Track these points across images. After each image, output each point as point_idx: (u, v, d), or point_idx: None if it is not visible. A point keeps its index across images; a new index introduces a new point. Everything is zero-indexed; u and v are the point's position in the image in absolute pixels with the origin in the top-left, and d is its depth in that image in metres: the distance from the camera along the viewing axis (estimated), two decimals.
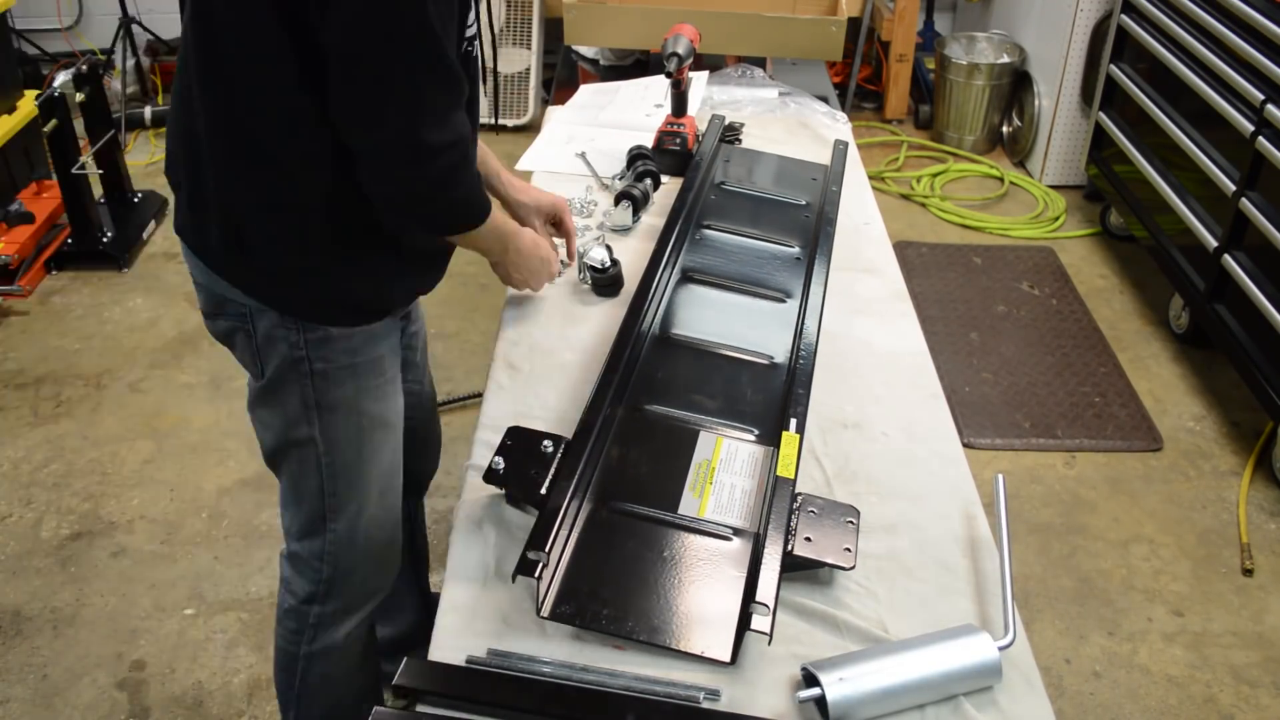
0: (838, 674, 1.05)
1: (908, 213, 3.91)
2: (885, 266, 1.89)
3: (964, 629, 1.12)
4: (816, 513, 1.23)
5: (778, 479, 1.25)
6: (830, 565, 1.19)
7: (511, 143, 4.38)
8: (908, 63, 4.45)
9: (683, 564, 1.20)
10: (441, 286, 1.53)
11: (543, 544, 1.12)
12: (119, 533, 2.48)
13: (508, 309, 1.72)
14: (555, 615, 1.13)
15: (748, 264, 1.74)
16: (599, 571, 1.18)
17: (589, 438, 1.29)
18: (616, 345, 1.48)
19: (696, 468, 1.32)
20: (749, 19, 2.67)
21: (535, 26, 4.41)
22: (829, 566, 1.19)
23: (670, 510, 1.26)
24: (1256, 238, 2.65)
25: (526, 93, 4.49)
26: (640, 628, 1.12)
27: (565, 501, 1.19)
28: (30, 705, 2.08)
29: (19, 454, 2.72)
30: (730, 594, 1.17)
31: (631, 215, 1.94)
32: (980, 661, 1.09)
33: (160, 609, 2.29)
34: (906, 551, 1.28)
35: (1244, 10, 2.69)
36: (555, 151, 2.24)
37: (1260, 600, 2.34)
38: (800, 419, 1.35)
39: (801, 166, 2.11)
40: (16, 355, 3.10)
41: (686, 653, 1.11)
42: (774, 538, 1.17)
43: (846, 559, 1.18)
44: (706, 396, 1.44)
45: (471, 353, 3.08)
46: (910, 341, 1.68)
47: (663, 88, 2.50)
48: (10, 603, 2.30)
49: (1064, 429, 2.81)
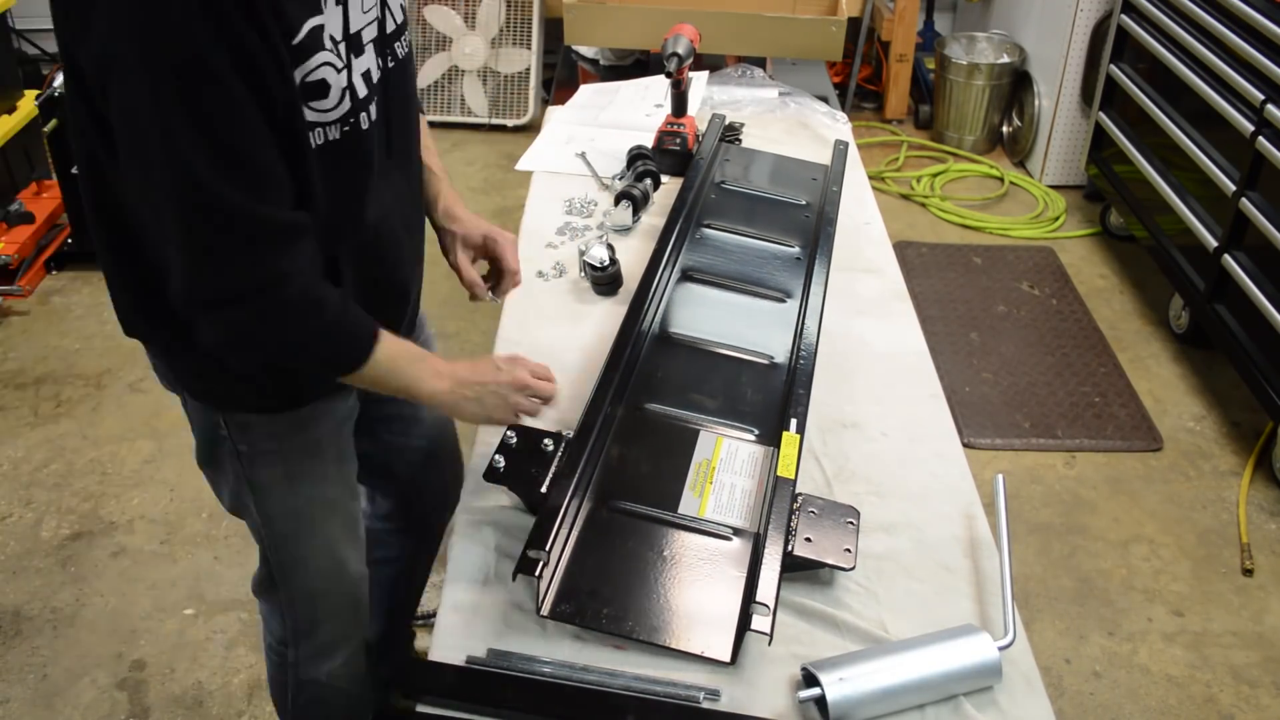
0: (838, 674, 1.05)
1: (908, 213, 3.91)
2: (885, 266, 1.89)
3: (964, 629, 1.12)
4: (816, 513, 1.23)
5: (778, 479, 1.25)
6: (830, 566, 1.19)
7: (511, 143, 4.38)
8: (908, 63, 4.45)
9: (683, 563, 1.20)
10: (441, 286, 1.52)
11: (543, 543, 1.12)
12: (119, 533, 2.48)
13: (508, 309, 1.72)
14: (555, 614, 1.14)
15: (748, 263, 1.74)
16: (599, 570, 1.18)
17: (589, 436, 1.29)
18: (617, 345, 1.48)
19: (696, 467, 1.32)
20: (749, 19, 2.67)
21: (535, 26, 4.41)
22: (829, 567, 1.19)
23: (670, 510, 1.26)
24: (1256, 238, 2.65)
25: (526, 93, 4.49)
26: (640, 627, 1.12)
27: (565, 500, 1.19)
28: (30, 705, 2.08)
29: (19, 454, 2.72)
30: (730, 594, 1.17)
31: (631, 215, 1.94)
32: (980, 662, 1.09)
33: (160, 609, 2.29)
34: (906, 551, 1.28)
35: (1244, 10, 2.69)
36: (555, 151, 2.24)
37: (1260, 600, 2.34)
38: (800, 419, 1.35)
39: (802, 166, 2.11)
40: (16, 355, 3.10)
41: (686, 652, 1.11)
42: (774, 538, 1.17)
43: (846, 559, 1.18)
44: (707, 396, 1.44)
45: (472, 352, 3.08)
46: (910, 341, 1.68)
47: (663, 88, 2.50)
48: (10, 603, 2.30)
49: (1064, 429, 2.81)
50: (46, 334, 3.19)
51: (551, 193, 2.08)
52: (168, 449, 2.73)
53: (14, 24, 4.12)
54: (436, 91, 4.54)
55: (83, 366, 3.04)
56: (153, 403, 2.87)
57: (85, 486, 2.62)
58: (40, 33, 4.71)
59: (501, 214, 3.85)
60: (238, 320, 1.07)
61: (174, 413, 2.87)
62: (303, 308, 1.09)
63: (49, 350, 3.12)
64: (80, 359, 3.08)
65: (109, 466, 2.68)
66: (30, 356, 3.09)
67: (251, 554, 1.48)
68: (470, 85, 4.49)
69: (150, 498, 2.58)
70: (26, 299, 3.32)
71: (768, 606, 1.08)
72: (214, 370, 1.23)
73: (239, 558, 2.40)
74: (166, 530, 2.48)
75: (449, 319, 3.23)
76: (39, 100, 3.25)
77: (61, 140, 3.27)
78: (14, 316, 3.27)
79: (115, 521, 2.51)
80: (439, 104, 4.56)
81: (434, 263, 1.46)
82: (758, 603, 1.08)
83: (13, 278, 3.29)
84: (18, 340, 3.17)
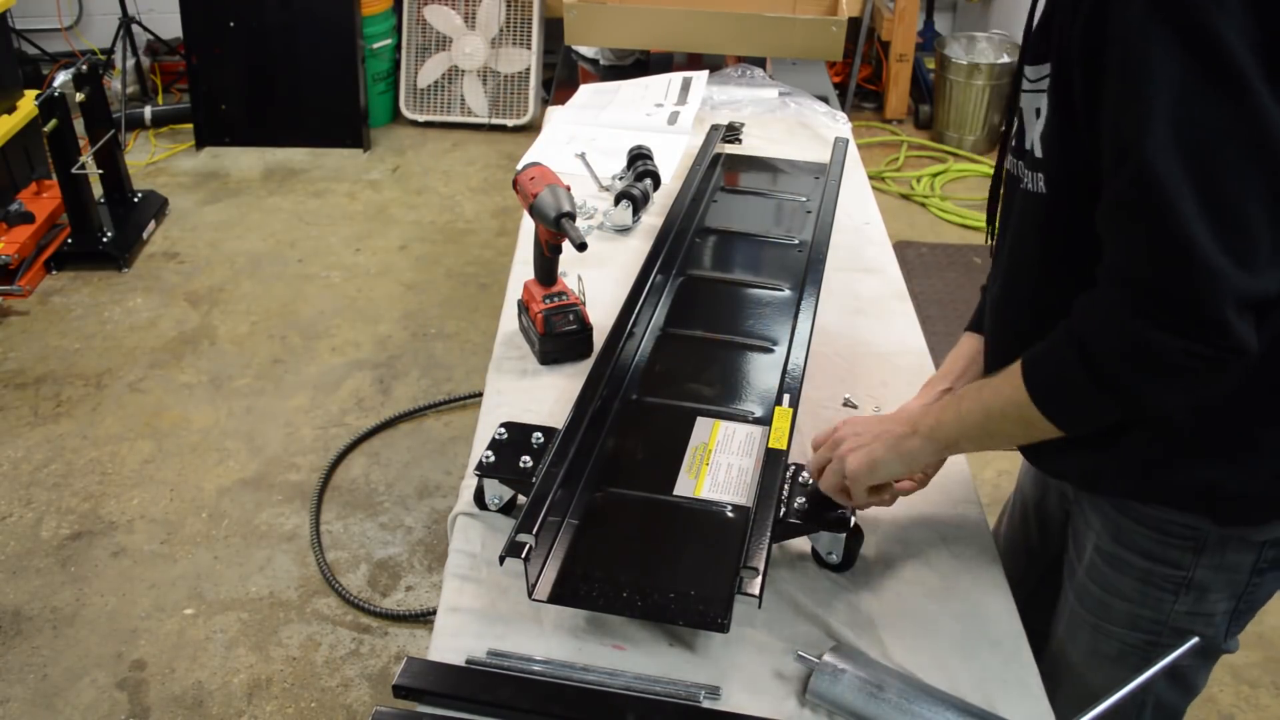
0: (839, 665, 1.06)
1: (908, 213, 3.91)
2: (885, 266, 1.89)
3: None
4: (810, 481, 1.23)
5: (769, 450, 1.26)
6: (824, 529, 1.19)
7: (512, 143, 4.39)
8: (908, 63, 4.45)
9: (678, 541, 1.21)
10: (441, 286, 1.51)
11: (530, 527, 1.12)
12: (119, 533, 2.48)
13: (508, 309, 1.72)
14: (549, 598, 1.13)
15: (736, 302, 1.68)
16: (593, 554, 1.18)
17: (579, 427, 1.30)
18: (609, 341, 1.48)
19: (693, 451, 1.33)
20: (749, 19, 2.67)
21: (535, 26, 4.41)
22: (823, 530, 1.19)
23: (666, 492, 1.27)
24: None
25: (526, 93, 4.49)
26: (634, 605, 1.12)
27: (555, 486, 1.20)
28: (30, 705, 2.08)
29: (19, 454, 2.72)
30: (727, 567, 1.16)
31: (631, 215, 1.94)
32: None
33: (160, 609, 2.29)
34: (905, 552, 1.28)
35: None
36: (555, 151, 2.24)
37: None
38: (794, 395, 1.36)
39: (796, 194, 2.01)
40: (16, 355, 3.10)
41: (681, 625, 1.11)
42: (765, 505, 1.18)
43: (840, 525, 1.18)
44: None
45: (472, 353, 3.08)
46: (910, 341, 1.68)
47: (663, 88, 2.50)
48: (10, 603, 2.30)
49: None
50: (46, 334, 3.20)
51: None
52: (168, 449, 2.73)
53: (14, 24, 4.13)
54: (436, 91, 4.54)
55: (83, 366, 3.04)
56: (153, 403, 2.87)
57: (85, 486, 2.62)
58: (40, 33, 4.72)
59: (501, 214, 3.85)
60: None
61: (174, 412, 2.88)
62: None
63: (49, 350, 3.12)
64: (80, 359, 3.08)
65: (109, 466, 2.68)
66: (30, 356, 3.09)
67: (252, 554, 1.48)
68: (470, 85, 4.49)
69: (150, 498, 2.58)
70: (26, 299, 3.32)
71: (757, 570, 1.08)
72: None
73: (239, 558, 2.41)
74: (166, 530, 2.49)
75: (449, 319, 3.23)
76: (39, 100, 3.25)
77: (62, 140, 3.27)
78: (14, 316, 3.28)
79: (115, 521, 2.51)
80: (439, 104, 4.56)
81: (434, 263, 1.46)
82: (747, 567, 1.09)
83: (13, 278, 3.29)
84: (18, 340, 3.17)
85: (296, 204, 3.97)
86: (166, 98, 4.79)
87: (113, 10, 4.43)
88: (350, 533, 2.51)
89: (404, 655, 1.45)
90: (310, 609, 2.31)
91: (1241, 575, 1.15)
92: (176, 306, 3.32)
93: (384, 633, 2.26)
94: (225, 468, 2.67)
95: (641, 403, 1.43)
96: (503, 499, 1.30)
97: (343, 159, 4.30)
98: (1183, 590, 1.16)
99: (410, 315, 3.23)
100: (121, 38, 4.41)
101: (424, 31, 4.48)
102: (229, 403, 2.88)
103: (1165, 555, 1.15)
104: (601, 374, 1.40)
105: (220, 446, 2.74)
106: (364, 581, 2.38)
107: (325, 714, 2.09)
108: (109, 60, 4.46)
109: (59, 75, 3.35)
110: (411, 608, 2.31)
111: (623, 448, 1.35)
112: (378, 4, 4.39)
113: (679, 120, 2.34)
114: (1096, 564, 1.21)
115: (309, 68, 4.28)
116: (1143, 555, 1.16)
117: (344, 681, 2.15)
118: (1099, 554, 1.21)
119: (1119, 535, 1.17)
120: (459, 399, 2.93)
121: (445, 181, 4.12)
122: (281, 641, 2.23)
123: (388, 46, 4.49)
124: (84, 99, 3.34)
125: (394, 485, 2.65)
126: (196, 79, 4.27)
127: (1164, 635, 1.20)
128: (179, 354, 3.08)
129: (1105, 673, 1.25)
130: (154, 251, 3.63)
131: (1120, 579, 1.19)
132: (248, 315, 3.27)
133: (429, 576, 2.40)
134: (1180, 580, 1.16)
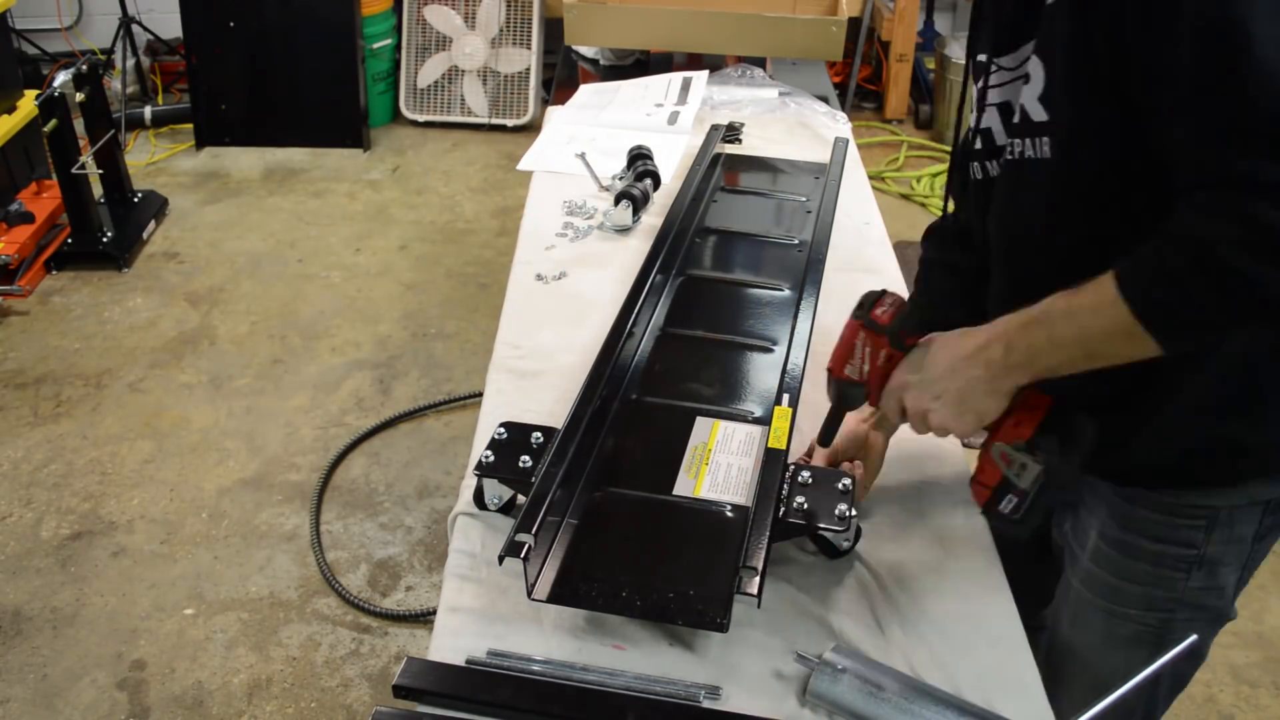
0: (840, 663, 1.06)
1: (908, 213, 3.91)
2: (885, 266, 1.89)
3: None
4: (809, 480, 1.23)
5: (768, 450, 1.26)
6: (823, 529, 1.18)
7: (512, 143, 4.39)
8: (908, 63, 4.45)
9: (677, 541, 1.21)
10: (441, 286, 1.52)
11: (530, 527, 1.12)
12: (119, 533, 2.48)
13: (507, 309, 1.72)
14: (548, 598, 1.13)
15: (736, 310, 1.68)
16: (592, 554, 1.18)
17: (579, 427, 1.30)
18: (607, 344, 1.48)
19: (692, 451, 1.33)
20: (749, 19, 2.67)
21: (535, 26, 4.41)
22: (822, 530, 1.19)
23: (665, 492, 1.27)
24: None
25: (526, 93, 4.49)
26: (632, 604, 1.12)
27: (554, 486, 1.20)
28: (30, 705, 2.08)
29: (19, 454, 2.72)
30: (726, 567, 1.16)
31: (631, 215, 1.94)
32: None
33: (160, 609, 2.29)
34: (906, 553, 1.28)
35: None
36: (555, 151, 2.24)
37: (1260, 600, 2.34)
38: (793, 395, 1.36)
39: (796, 193, 2.02)
40: (16, 355, 3.10)
41: (680, 625, 1.11)
42: (765, 504, 1.18)
43: (840, 524, 1.18)
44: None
45: (472, 353, 3.08)
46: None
47: (663, 88, 2.50)
48: (10, 603, 2.30)
49: None
50: (46, 334, 3.20)
51: (551, 193, 2.08)
52: (168, 449, 2.73)
53: (14, 24, 4.13)
54: (436, 91, 4.54)
55: (83, 366, 3.05)
56: (153, 403, 2.87)
57: (85, 486, 2.62)
58: (40, 33, 4.72)
59: (501, 214, 3.85)
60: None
61: (174, 413, 2.88)
62: None
63: (49, 350, 3.12)
64: (80, 359, 3.08)
65: (109, 466, 2.68)
66: (30, 356, 3.09)
67: (252, 554, 1.48)
68: (470, 85, 4.50)
69: (150, 498, 2.58)
70: (26, 299, 3.32)
71: (756, 569, 1.08)
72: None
73: (239, 558, 2.41)
74: (166, 530, 2.49)
75: (449, 319, 3.24)
76: (39, 100, 3.25)
77: (62, 140, 3.27)
78: (14, 316, 3.28)
79: (115, 521, 2.51)
80: (439, 104, 4.56)
81: (434, 263, 1.46)
82: (746, 567, 1.09)
83: (13, 278, 3.29)
84: (18, 340, 3.17)
85: (296, 204, 3.97)
86: (166, 98, 4.79)
87: (113, 10, 4.43)
88: (350, 533, 2.51)
89: (404, 655, 1.45)
90: (310, 609, 2.31)
91: (1246, 545, 1.18)
92: (176, 306, 3.32)
93: (384, 633, 2.26)
94: (225, 468, 2.67)
95: (641, 402, 1.43)
96: (502, 499, 1.30)
97: (343, 159, 4.30)
98: (1195, 567, 1.18)
99: (410, 315, 3.23)
100: (121, 38, 4.41)
101: (424, 31, 4.48)
102: (229, 403, 2.88)
103: (1176, 536, 1.17)
104: (601, 374, 1.40)
105: (220, 446, 2.74)
106: (364, 581, 2.39)
107: (325, 714, 2.09)
108: (109, 60, 4.46)
109: (59, 75, 3.35)
110: (411, 608, 2.31)
111: (622, 447, 1.35)
112: (378, 4, 4.40)
113: (679, 120, 2.34)
114: (1103, 550, 1.23)
115: (309, 68, 4.28)
116: (1153, 539, 1.18)
117: (344, 681, 2.15)
118: (1105, 540, 1.22)
119: (1127, 522, 1.19)
120: (459, 399, 2.93)
121: (445, 181, 4.12)
122: (281, 641, 2.23)
123: (388, 46, 4.50)
124: (84, 99, 3.34)
125: (394, 485, 2.65)
126: (196, 79, 4.27)
127: (1179, 612, 1.22)
128: (179, 354, 3.08)
129: (1121, 655, 1.26)
130: (154, 251, 3.64)
131: (1131, 564, 1.20)
132: (248, 315, 3.27)
133: (429, 576, 2.40)
134: (1193, 559, 1.17)
